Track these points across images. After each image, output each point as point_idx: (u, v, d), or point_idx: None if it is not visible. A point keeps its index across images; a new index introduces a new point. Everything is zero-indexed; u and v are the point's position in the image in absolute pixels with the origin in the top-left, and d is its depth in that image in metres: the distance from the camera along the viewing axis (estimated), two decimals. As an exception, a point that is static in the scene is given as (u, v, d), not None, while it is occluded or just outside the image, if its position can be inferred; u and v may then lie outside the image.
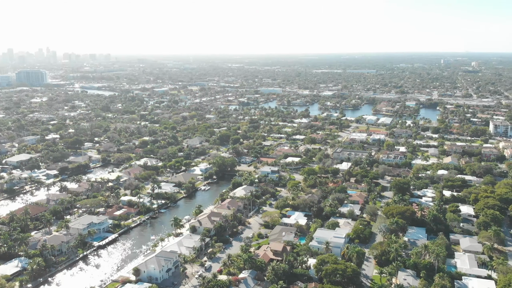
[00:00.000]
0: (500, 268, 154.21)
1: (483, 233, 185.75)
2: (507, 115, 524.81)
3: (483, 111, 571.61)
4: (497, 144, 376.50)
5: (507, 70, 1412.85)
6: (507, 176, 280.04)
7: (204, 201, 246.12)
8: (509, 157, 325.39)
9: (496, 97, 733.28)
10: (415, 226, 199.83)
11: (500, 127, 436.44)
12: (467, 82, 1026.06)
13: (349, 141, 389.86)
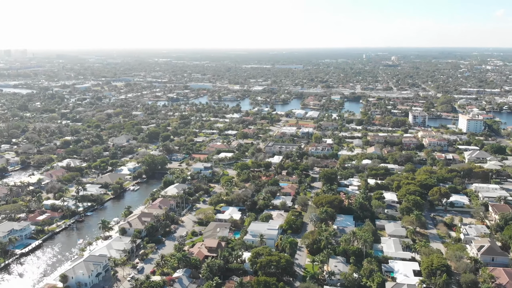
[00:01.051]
0: (422, 250, 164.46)
1: (406, 218, 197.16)
2: (424, 106, 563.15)
3: (402, 103, 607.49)
4: (416, 134, 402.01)
5: (424, 63, 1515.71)
6: (426, 163, 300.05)
7: (134, 202, 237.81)
8: (427, 146, 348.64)
9: (414, 89, 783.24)
10: (343, 214, 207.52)
11: (419, 117, 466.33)
12: (388, 75, 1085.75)
13: (280, 135, 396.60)
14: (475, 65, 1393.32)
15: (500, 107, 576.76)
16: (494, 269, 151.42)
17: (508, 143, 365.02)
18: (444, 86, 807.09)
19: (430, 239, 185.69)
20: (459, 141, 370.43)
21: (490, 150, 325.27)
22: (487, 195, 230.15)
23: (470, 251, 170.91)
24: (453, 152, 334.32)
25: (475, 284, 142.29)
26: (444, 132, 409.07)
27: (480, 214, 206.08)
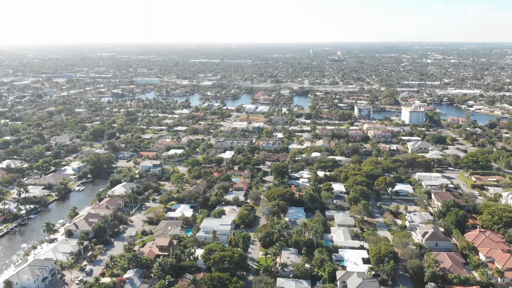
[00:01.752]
0: (370, 238, 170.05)
1: (354, 208, 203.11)
2: (369, 99, 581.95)
3: (348, 96, 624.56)
4: (362, 126, 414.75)
5: (368, 58, 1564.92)
6: (371, 154, 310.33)
7: (80, 203, 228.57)
8: (373, 137, 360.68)
9: (359, 83, 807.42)
10: (295, 206, 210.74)
11: (364, 110, 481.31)
12: (334, 70, 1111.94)
13: (231, 130, 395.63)
14: (416, 59, 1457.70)
15: (440, 99, 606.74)
16: (438, 253, 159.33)
17: (448, 133, 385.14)
18: (387, 80, 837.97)
19: (377, 227, 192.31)
20: (402, 132, 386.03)
21: (432, 140, 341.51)
22: (430, 183, 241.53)
23: (415, 238, 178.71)
24: (397, 143, 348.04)
25: (420, 269, 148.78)
26: (388, 124, 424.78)
27: (424, 201, 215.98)
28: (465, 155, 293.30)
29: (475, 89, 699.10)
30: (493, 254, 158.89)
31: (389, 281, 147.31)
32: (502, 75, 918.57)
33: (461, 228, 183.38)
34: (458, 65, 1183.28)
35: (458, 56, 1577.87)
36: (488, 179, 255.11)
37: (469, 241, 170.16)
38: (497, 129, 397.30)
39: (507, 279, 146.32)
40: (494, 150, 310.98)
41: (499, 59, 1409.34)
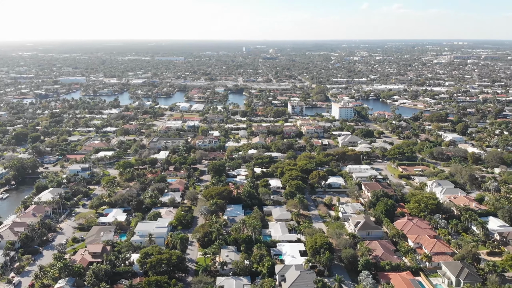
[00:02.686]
0: (306, 231, 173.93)
1: (290, 202, 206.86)
2: (301, 96, 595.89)
3: (282, 94, 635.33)
4: (296, 123, 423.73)
5: (299, 56, 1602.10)
6: (305, 149, 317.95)
7: (3, 211, 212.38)
8: (306, 133, 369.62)
9: (292, 81, 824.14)
10: (233, 204, 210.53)
11: (297, 107, 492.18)
12: (267, 68, 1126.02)
13: (164, 130, 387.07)
14: (344, 56, 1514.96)
15: (367, 94, 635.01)
16: (370, 242, 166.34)
17: (375, 127, 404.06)
18: (318, 77, 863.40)
19: (313, 220, 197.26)
20: (333, 127, 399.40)
21: (360, 134, 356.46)
22: (360, 175, 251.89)
23: (348, 228, 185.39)
24: (329, 138, 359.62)
25: (354, 258, 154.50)
26: (320, 120, 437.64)
27: (355, 193, 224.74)
28: (391, 147, 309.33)
29: (399, 84, 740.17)
30: (421, 240, 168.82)
31: (326, 272, 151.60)
32: (424, 71, 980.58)
33: (391, 217, 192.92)
34: (383, 62, 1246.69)
35: (383, 53, 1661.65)
36: (413, 169, 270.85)
37: (399, 228, 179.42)
38: (420, 121, 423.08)
39: (434, 263, 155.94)
40: (418, 142, 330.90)
41: (420, 55, 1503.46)
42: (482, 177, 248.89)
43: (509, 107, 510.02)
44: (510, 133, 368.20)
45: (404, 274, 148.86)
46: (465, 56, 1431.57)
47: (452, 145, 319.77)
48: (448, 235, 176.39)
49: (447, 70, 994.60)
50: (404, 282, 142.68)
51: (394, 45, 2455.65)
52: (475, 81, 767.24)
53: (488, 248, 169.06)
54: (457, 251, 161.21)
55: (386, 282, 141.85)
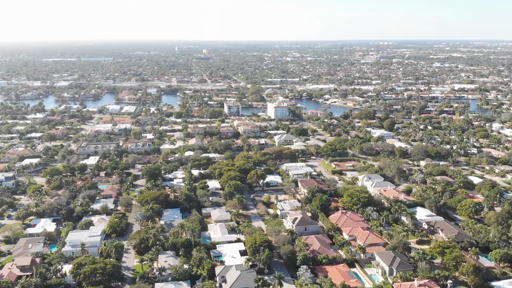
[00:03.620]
0: (246, 230, 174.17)
1: (230, 202, 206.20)
2: (237, 96, 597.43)
3: (217, 94, 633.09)
4: (232, 123, 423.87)
5: (233, 56, 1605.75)
6: (242, 149, 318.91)
7: None
8: (243, 133, 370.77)
9: (227, 81, 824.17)
10: (170, 208, 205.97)
11: (233, 107, 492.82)
12: (201, 68, 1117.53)
13: (94, 134, 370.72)
14: (277, 57, 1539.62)
15: (300, 94, 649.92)
16: (307, 237, 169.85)
17: (309, 126, 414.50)
18: (253, 77, 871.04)
19: (252, 219, 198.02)
20: (269, 126, 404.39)
21: (295, 132, 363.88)
22: (296, 172, 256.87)
23: (286, 225, 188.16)
24: (265, 137, 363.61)
25: (293, 254, 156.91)
26: (256, 119, 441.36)
27: (292, 190, 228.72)
28: (324, 144, 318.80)
29: (330, 84, 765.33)
30: (355, 233, 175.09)
31: (266, 269, 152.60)
32: (352, 70, 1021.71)
33: (326, 211, 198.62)
34: (314, 62, 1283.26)
35: (313, 54, 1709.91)
36: (345, 164, 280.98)
37: (334, 222, 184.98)
38: (350, 119, 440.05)
39: (368, 254, 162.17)
40: (349, 139, 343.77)
41: (349, 56, 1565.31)
42: (409, 170, 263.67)
43: (431, 103, 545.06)
44: (433, 127, 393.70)
45: (340, 266, 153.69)
46: (390, 55, 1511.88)
47: (380, 141, 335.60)
48: (380, 226, 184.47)
49: (374, 69, 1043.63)
50: (341, 274, 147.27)
51: (324, 46, 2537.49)
52: (400, 79, 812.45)
53: (417, 237, 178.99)
54: (389, 241, 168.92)
55: (324, 276, 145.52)
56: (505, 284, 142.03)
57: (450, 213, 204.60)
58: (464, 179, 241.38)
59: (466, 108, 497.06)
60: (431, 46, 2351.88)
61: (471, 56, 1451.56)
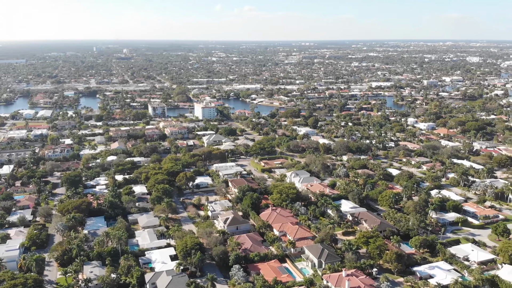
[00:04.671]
0: (176, 234, 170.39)
1: (158, 207, 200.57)
2: (162, 97, 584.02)
3: (141, 95, 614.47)
4: (158, 125, 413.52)
5: (156, 56, 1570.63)
6: (170, 151, 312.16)
7: None
8: (170, 135, 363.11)
9: (150, 82, 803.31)
10: (94, 217, 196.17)
11: (158, 109, 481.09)
12: (122, 68, 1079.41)
13: (7, 141, 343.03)
14: (202, 57, 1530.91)
15: (227, 94, 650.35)
16: (239, 236, 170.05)
17: (237, 125, 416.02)
18: (178, 78, 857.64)
19: (182, 222, 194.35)
20: (197, 127, 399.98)
21: (224, 133, 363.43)
22: (226, 172, 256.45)
23: (218, 225, 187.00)
24: (193, 138, 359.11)
25: (225, 254, 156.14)
26: (183, 120, 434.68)
27: (222, 190, 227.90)
28: (253, 143, 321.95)
29: (256, 84, 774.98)
30: (285, 228, 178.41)
31: (198, 272, 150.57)
32: (277, 70, 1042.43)
33: (257, 209, 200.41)
34: (240, 62, 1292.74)
35: (239, 54, 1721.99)
36: (274, 162, 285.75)
37: (264, 219, 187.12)
38: (277, 118, 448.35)
39: (298, 248, 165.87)
40: (276, 137, 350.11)
41: (273, 56, 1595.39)
42: (333, 165, 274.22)
43: (351, 100, 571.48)
44: (354, 124, 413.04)
45: (272, 262, 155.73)
46: (312, 56, 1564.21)
47: (305, 138, 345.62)
48: (308, 220, 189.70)
49: (297, 69, 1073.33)
50: (272, 270, 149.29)
51: (249, 46, 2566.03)
52: (322, 79, 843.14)
53: (343, 228, 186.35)
54: (317, 234, 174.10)
55: (256, 273, 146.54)
56: (425, 268, 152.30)
57: (372, 204, 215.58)
58: (383, 172, 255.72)
59: (383, 104, 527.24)
60: (349, 46, 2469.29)
61: (386, 55, 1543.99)
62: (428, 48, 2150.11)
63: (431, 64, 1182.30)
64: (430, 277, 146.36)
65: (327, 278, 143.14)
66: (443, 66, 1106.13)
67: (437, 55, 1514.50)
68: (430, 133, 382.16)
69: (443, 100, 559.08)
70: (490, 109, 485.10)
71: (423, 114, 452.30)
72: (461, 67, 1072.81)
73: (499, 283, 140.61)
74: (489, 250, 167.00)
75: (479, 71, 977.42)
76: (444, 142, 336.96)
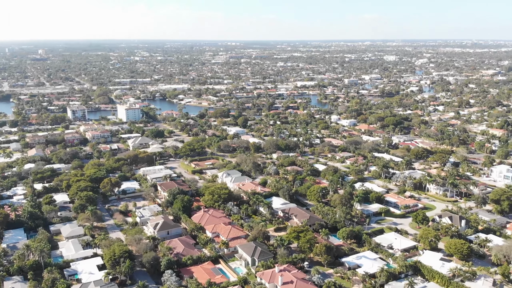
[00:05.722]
0: (103, 243, 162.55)
1: (82, 216, 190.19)
2: (82, 100, 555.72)
3: (58, 98, 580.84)
4: (78, 129, 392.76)
5: (74, 56, 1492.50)
6: (92, 157, 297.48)
7: None
8: (92, 139, 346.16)
9: (69, 84, 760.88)
10: (12, 229, 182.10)
11: (78, 112, 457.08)
12: (37, 70, 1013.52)
13: None
14: (124, 56, 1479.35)
15: (153, 95, 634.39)
16: (170, 241, 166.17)
17: (165, 127, 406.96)
18: (98, 79, 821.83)
19: (109, 230, 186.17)
20: (121, 130, 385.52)
21: (151, 135, 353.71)
22: (155, 176, 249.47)
23: (147, 231, 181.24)
24: (118, 142, 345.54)
25: (156, 260, 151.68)
26: (106, 123, 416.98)
27: (151, 195, 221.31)
28: (182, 145, 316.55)
29: (183, 84, 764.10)
30: (218, 229, 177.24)
31: (128, 281, 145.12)
32: (204, 70, 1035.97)
33: (188, 212, 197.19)
34: (165, 62, 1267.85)
35: (163, 53, 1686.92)
36: (205, 163, 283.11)
37: (196, 222, 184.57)
38: (206, 118, 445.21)
39: (231, 248, 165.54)
40: (206, 138, 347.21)
41: (199, 56, 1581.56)
42: (263, 163, 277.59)
43: (278, 100, 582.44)
44: (282, 122, 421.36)
45: (205, 264, 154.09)
46: (239, 55, 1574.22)
47: (236, 138, 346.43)
48: (241, 219, 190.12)
49: (224, 69, 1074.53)
50: (206, 272, 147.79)
51: (174, 46, 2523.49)
52: (249, 79, 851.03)
53: (274, 225, 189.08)
54: (249, 233, 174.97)
55: (190, 277, 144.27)
56: (353, 258, 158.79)
57: (302, 199, 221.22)
58: (311, 167, 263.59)
59: (308, 103, 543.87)
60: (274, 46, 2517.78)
61: (309, 56, 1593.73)
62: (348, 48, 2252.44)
63: (351, 63, 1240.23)
64: (358, 267, 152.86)
65: (261, 276, 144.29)
66: (362, 65, 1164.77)
67: (356, 55, 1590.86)
68: (352, 129, 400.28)
69: (363, 98, 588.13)
70: (406, 104, 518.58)
71: (345, 112, 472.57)
72: (379, 65, 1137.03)
73: (421, 268, 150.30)
74: (411, 237, 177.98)
75: (396, 69, 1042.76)
76: (366, 137, 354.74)
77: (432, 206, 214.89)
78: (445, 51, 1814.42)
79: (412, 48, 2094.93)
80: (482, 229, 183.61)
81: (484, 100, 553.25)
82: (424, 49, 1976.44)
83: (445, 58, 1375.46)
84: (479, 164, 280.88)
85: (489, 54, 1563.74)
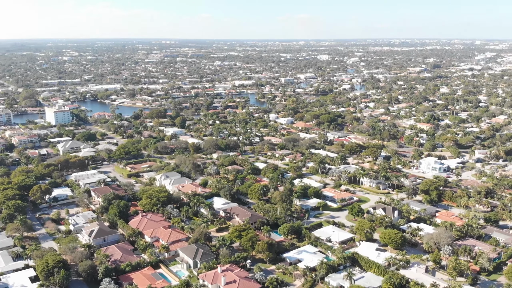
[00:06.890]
0: (35, 254, 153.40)
1: (10, 226, 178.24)
2: (6, 103, 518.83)
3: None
4: (3, 134, 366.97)
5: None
6: (20, 163, 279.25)
7: None
8: (18, 144, 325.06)
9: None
10: None
11: (2, 115, 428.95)
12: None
13: None
14: (52, 56, 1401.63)
15: (83, 96, 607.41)
16: (107, 248, 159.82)
17: (97, 129, 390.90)
18: (24, 80, 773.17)
19: (41, 240, 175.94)
20: (50, 134, 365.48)
21: (82, 138, 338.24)
22: (88, 181, 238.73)
23: (82, 239, 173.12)
24: (47, 147, 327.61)
25: (93, 268, 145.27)
26: (33, 127, 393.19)
27: (85, 201, 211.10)
28: (117, 147, 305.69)
29: (115, 84, 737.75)
30: (157, 233, 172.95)
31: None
32: (138, 69, 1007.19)
33: (125, 217, 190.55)
34: (96, 61, 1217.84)
35: (94, 53, 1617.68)
36: (141, 166, 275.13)
37: (134, 227, 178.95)
38: (141, 119, 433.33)
39: (172, 251, 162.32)
40: (142, 139, 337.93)
41: (132, 54, 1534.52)
42: (203, 164, 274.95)
43: (217, 99, 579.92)
44: (221, 121, 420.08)
45: (145, 270, 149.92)
46: (174, 54, 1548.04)
47: (174, 139, 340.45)
48: (181, 222, 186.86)
49: (159, 68, 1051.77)
50: (146, 278, 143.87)
51: (105, 44, 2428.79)
52: (186, 78, 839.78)
53: (216, 225, 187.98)
54: (191, 235, 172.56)
55: (129, 283, 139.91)
56: (294, 253, 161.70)
57: (243, 198, 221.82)
58: (251, 166, 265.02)
59: (247, 102, 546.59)
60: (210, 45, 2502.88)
61: (246, 55, 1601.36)
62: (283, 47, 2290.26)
63: (287, 62, 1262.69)
64: (299, 261, 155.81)
65: (203, 277, 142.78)
66: (297, 64, 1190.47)
67: (291, 54, 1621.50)
68: (290, 127, 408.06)
69: (299, 96, 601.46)
70: (339, 102, 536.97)
71: (283, 110, 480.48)
72: (313, 65, 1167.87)
73: (359, 259, 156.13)
74: (348, 229, 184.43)
75: (329, 68, 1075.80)
76: (303, 135, 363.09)
77: (367, 199, 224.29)
78: (374, 50, 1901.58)
79: (344, 47, 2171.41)
80: (413, 218, 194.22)
81: (411, 96, 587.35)
82: (355, 48, 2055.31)
83: (375, 57, 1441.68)
84: (409, 157, 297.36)
85: (415, 52, 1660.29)
